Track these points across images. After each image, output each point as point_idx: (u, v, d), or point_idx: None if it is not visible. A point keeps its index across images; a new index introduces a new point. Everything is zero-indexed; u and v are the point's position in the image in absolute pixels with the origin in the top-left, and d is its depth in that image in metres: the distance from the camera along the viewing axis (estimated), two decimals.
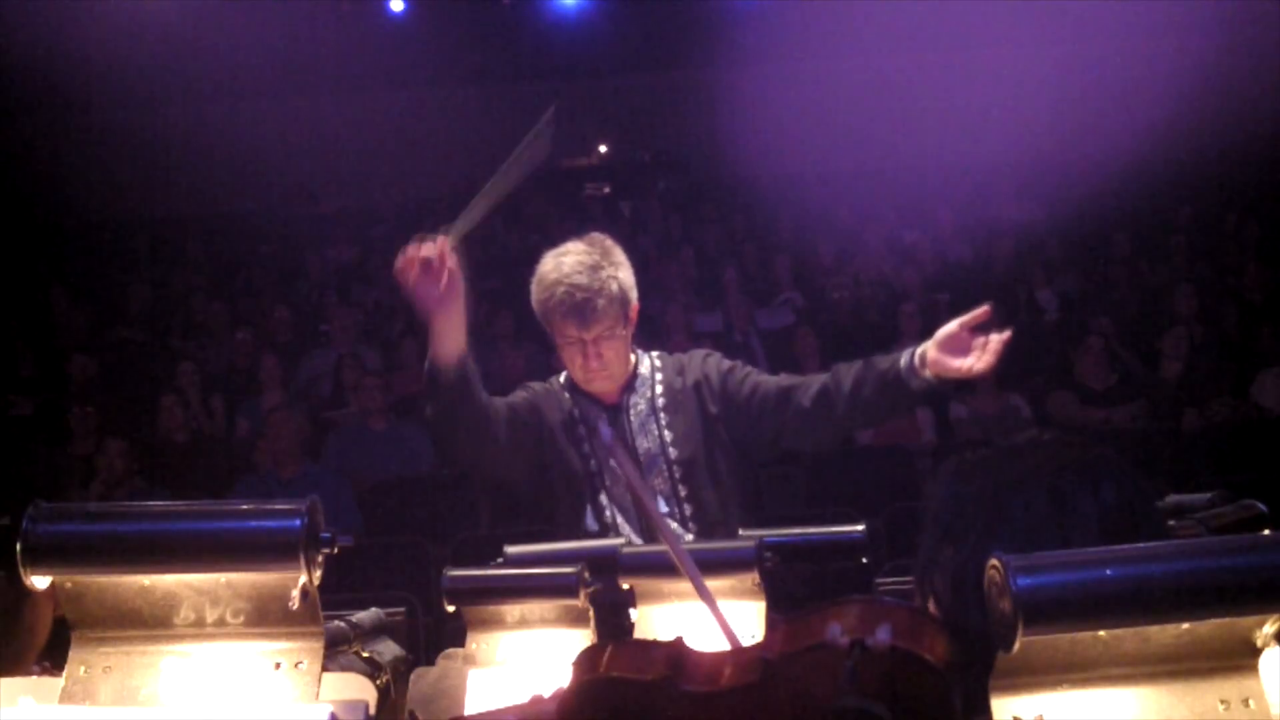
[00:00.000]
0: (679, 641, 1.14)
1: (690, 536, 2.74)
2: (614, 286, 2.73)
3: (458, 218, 2.58)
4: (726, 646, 1.36)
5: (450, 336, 2.63)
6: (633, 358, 2.87)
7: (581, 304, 2.70)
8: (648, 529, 2.72)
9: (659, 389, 2.84)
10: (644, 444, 2.79)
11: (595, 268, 2.73)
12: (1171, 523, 1.84)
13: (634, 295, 2.81)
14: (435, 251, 2.54)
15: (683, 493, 2.78)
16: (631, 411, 2.82)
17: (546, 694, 1.30)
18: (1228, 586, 1.06)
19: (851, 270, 9.22)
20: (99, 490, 6.08)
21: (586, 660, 1.15)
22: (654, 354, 2.93)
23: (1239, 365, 7.18)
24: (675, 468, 2.78)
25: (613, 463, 2.75)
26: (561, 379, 2.90)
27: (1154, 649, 1.07)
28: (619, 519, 2.77)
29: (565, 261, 2.74)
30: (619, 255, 2.81)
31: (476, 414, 2.70)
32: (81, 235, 11.61)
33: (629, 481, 1.53)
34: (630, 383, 2.84)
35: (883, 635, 1.04)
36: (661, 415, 2.81)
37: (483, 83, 12.74)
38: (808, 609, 1.10)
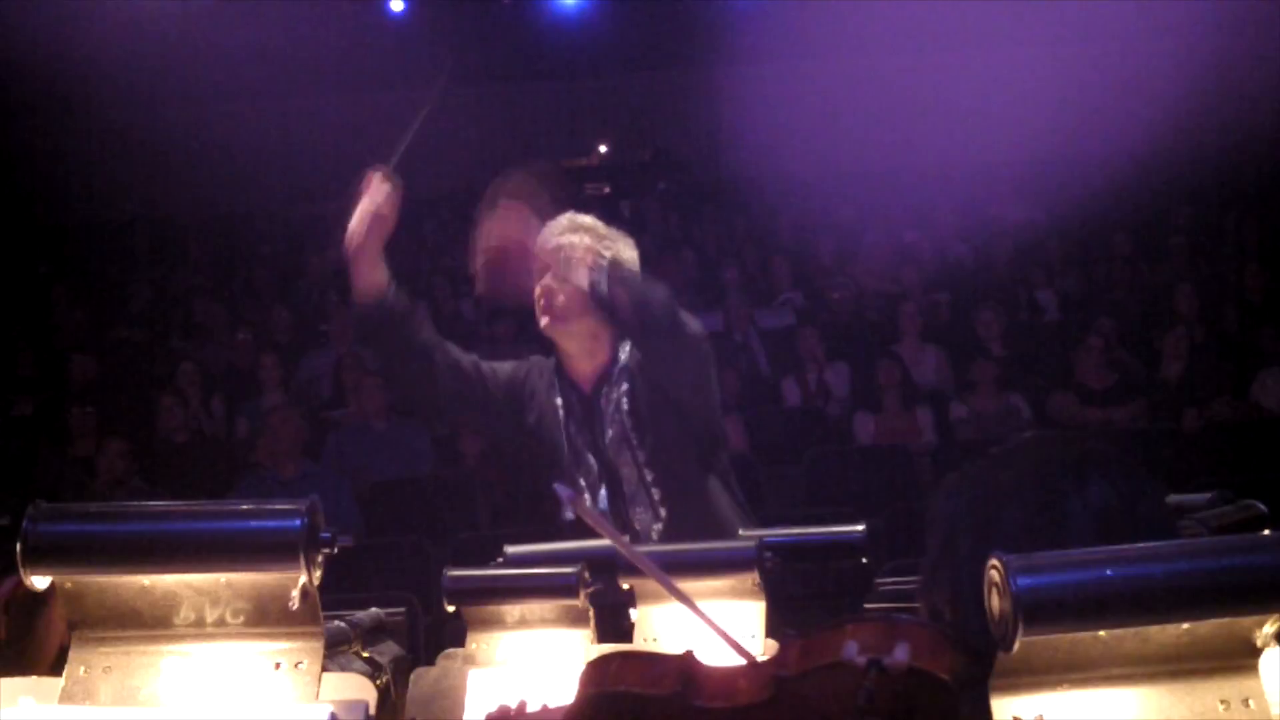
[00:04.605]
0: (689, 655, 1.13)
1: (659, 526, 2.77)
2: (602, 246, 2.83)
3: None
4: (729, 652, 1.35)
5: (371, 268, 2.79)
6: (622, 353, 2.88)
7: (562, 228, 2.84)
8: (619, 518, 2.76)
9: (630, 374, 2.86)
10: (610, 431, 2.82)
11: (595, 227, 2.87)
12: None
13: None
14: (383, 192, 2.75)
15: (649, 477, 2.80)
16: (604, 400, 2.85)
17: (551, 703, 1.29)
18: (1228, 586, 1.06)
19: (851, 270, 9.21)
20: (99, 490, 6.07)
21: (595, 672, 1.14)
22: None
23: (1239, 365, 7.17)
24: (639, 452, 2.79)
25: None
26: (553, 363, 2.93)
27: (1154, 649, 1.07)
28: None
29: (583, 216, 2.90)
30: (627, 241, 2.91)
31: (411, 351, 2.80)
32: (81, 235, 11.61)
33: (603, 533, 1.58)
34: (608, 372, 2.86)
35: (900, 655, 1.03)
36: (624, 400, 2.83)
37: (483, 83, 12.74)
38: (822, 625, 1.09)
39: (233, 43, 11.49)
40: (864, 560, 2.30)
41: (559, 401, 2.86)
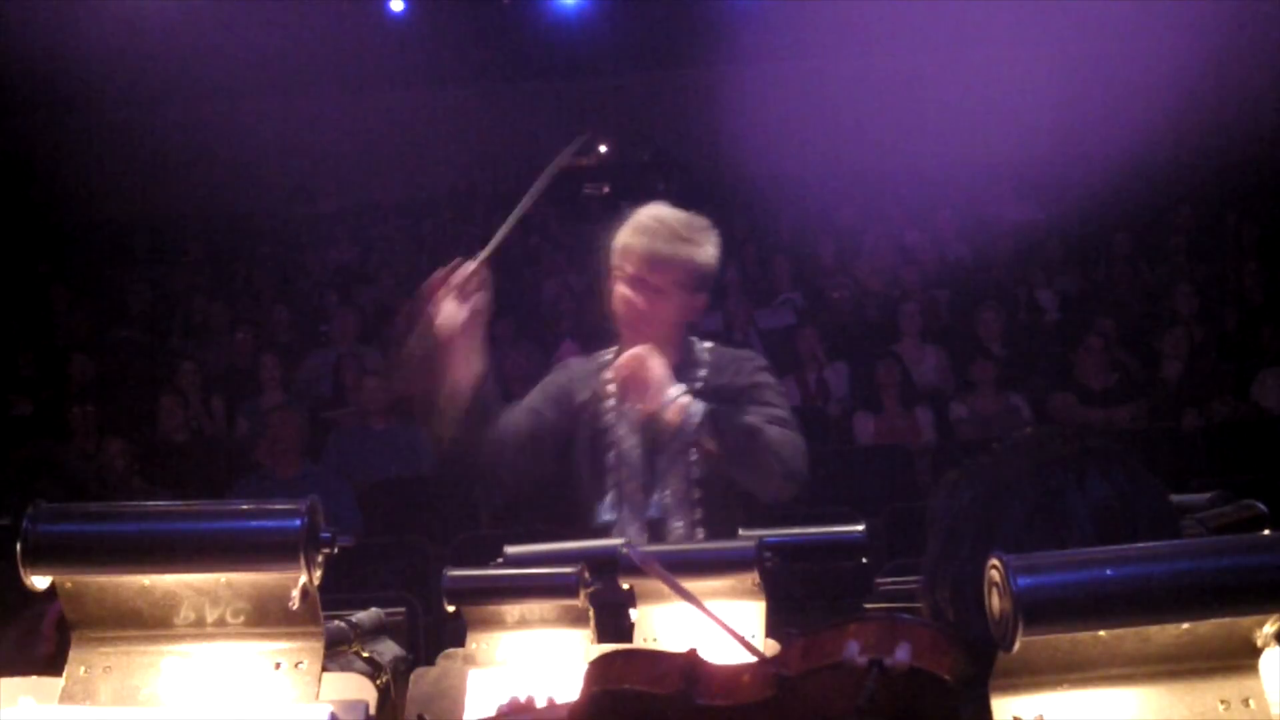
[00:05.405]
0: (693, 654, 1.14)
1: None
2: (699, 256, 2.74)
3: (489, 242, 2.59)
4: (733, 652, 1.35)
5: (471, 360, 2.60)
6: (697, 349, 2.80)
7: (640, 226, 2.73)
8: (653, 529, 2.70)
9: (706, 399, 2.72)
10: (672, 445, 2.70)
11: (674, 226, 2.74)
12: None
13: (705, 284, 2.79)
14: (469, 273, 2.55)
15: (696, 495, 2.71)
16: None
17: (555, 698, 1.29)
18: (1228, 586, 1.05)
19: (851, 270, 9.22)
20: (99, 490, 6.06)
21: (599, 670, 1.14)
22: (706, 346, 2.85)
23: (1239, 365, 7.18)
24: (693, 469, 2.70)
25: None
26: (609, 355, 2.82)
27: (1154, 649, 1.07)
28: (625, 511, 2.72)
29: (669, 213, 2.77)
30: (710, 236, 2.80)
31: (491, 442, 2.67)
32: (81, 235, 11.61)
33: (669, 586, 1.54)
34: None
35: (902, 655, 1.03)
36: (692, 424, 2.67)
37: (483, 83, 12.74)
38: (825, 625, 1.09)
39: (233, 43, 11.48)
40: (864, 560, 2.30)
41: (611, 403, 2.75)
